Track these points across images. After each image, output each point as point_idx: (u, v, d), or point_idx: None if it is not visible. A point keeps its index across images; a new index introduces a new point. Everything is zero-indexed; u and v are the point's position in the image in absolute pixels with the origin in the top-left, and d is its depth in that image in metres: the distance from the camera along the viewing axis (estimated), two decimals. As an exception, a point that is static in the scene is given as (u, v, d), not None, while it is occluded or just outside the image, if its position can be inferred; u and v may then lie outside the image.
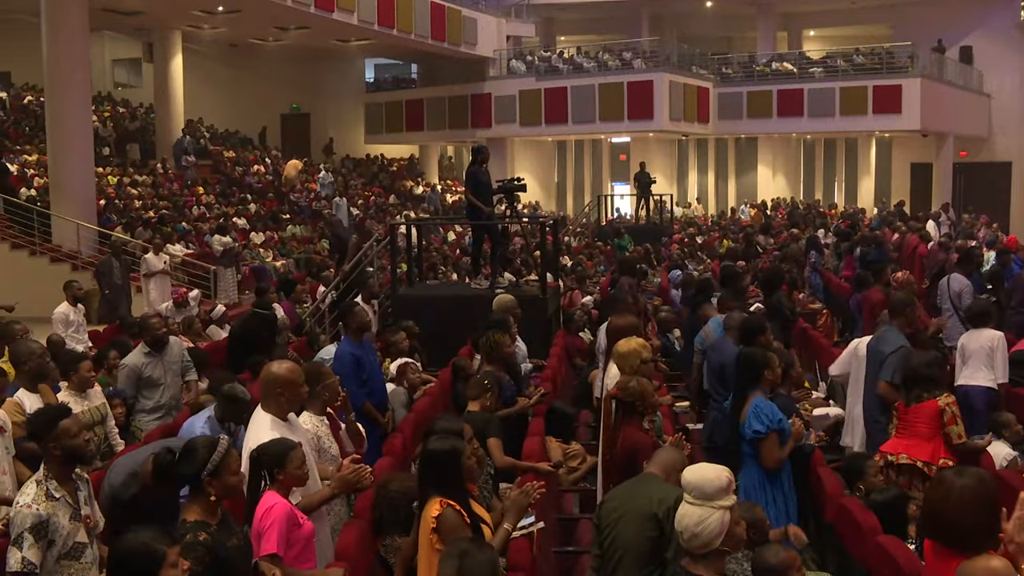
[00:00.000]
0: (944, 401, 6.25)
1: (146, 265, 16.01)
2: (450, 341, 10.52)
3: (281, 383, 5.09)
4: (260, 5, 22.99)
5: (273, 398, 5.08)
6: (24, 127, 27.17)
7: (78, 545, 4.55)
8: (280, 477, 4.54)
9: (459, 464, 4.60)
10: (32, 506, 4.41)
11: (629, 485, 4.74)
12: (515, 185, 13.10)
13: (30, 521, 4.38)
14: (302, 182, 28.66)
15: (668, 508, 4.31)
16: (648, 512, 4.42)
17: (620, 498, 4.69)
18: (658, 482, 4.57)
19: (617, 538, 4.57)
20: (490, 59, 32.09)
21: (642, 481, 4.67)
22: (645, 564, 4.44)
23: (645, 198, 26.54)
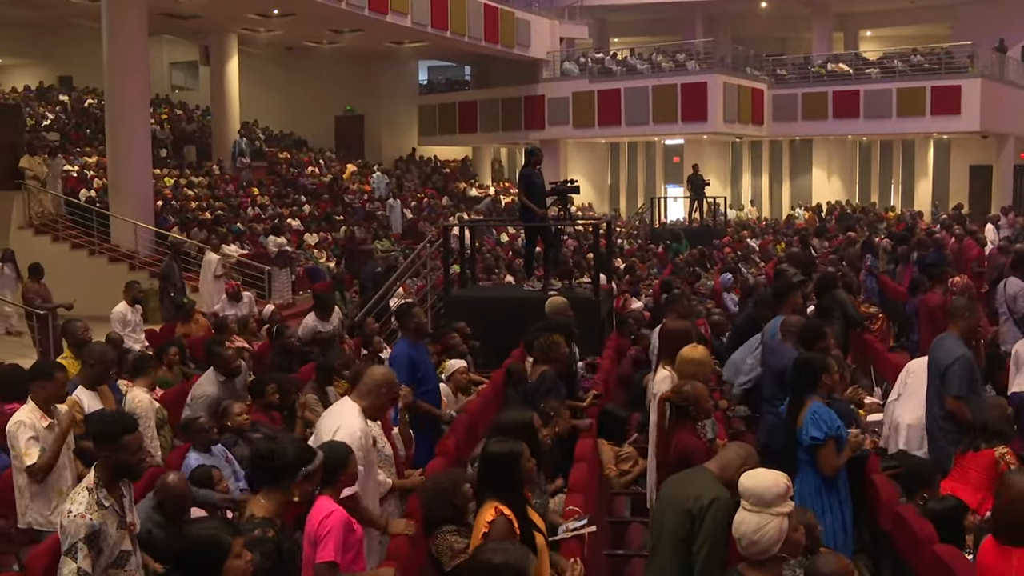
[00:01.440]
0: (1000, 452, 6.10)
1: (219, 265, 16.28)
2: (502, 343, 10.53)
3: (386, 383, 5.26)
4: (315, 8, 23.15)
5: (373, 396, 5.23)
6: (85, 130, 27.64)
7: (124, 553, 4.60)
8: (341, 478, 4.58)
9: (518, 468, 4.59)
10: (86, 516, 4.42)
11: (681, 477, 4.73)
12: (568, 187, 13.08)
13: (84, 531, 4.39)
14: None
15: (702, 507, 4.31)
16: (684, 508, 4.40)
17: (670, 488, 4.69)
18: (707, 478, 4.53)
19: (660, 527, 4.57)
20: (543, 61, 32.08)
21: (692, 475, 4.65)
22: (677, 556, 4.42)
23: (698, 200, 26.40)
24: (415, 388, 7.55)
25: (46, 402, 5.96)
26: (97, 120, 26.95)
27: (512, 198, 30.71)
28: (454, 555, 4.92)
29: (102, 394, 6.71)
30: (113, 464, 4.58)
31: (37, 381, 6.04)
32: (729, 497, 4.34)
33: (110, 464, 4.58)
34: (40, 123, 26.98)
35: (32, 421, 5.82)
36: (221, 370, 8.49)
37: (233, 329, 11.97)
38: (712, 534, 4.31)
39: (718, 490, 4.36)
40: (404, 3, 25.05)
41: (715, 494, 4.33)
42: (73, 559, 4.34)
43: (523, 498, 4.63)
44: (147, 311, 13.24)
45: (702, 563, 4.32)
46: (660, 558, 4.55)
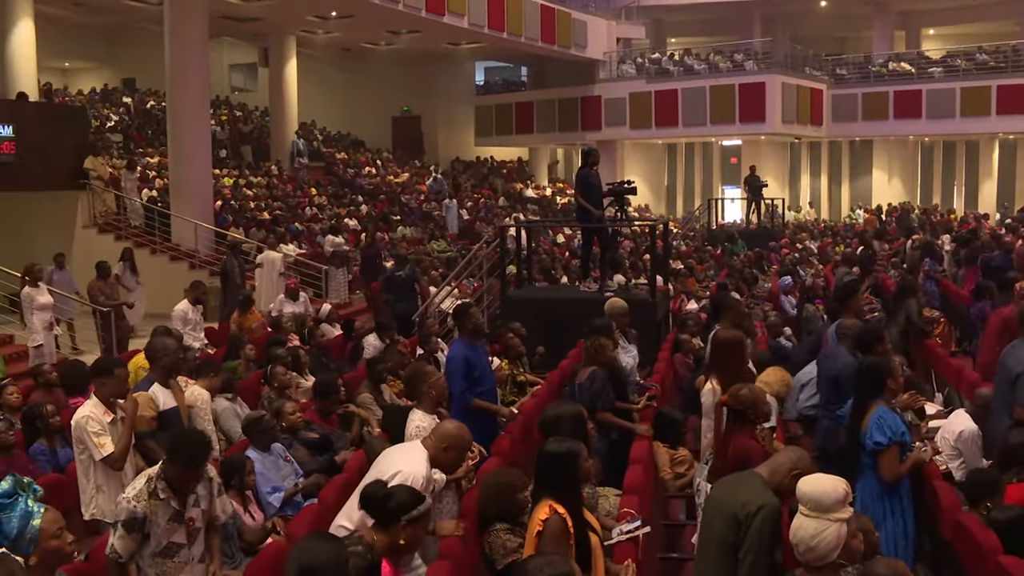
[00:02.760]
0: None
1: (281, 264, 16.48)
2: (558, 344, 10.52)
3: (449, 441, 5.16)
4: (372, 10, 23.29)
5: (436, 450, 5.15)
6: (147, 131, 28.05)
7: (173, 545, 4.71)
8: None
9: (575, 467, 4.58)
10: (132, 502, 4.59)
11: (731, 480, 4.68)
12: (625, 188, 13.03)
13: (124, 515, 4.59)
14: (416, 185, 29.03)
15: (749, 513, 4.25)
16: (731, 512, 4.36)
17: (719, 492, 4.65)
18: (756, 483, 4.48)
19: (707, 530, 4.54)
20: (600, 62, 32.03)
21: (742, 479, 4.60)
22: (724, 561, 4.38)
23: (756, 202, 26.17)
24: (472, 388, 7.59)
25: (108, 398, 6.04)
26: (159, 121, 27.34)
27: (568, 198, 30.68)
28: (506, 553, 4.92)
29: (174, 389, 6.76)
30: (181, 479, 4.69)
31: (98, 378, 6.13)
32: (778, 504, 4.29)
33: (178, 477, 4.68)
34: (104, 124, 27.42)
35: (96, 415, 5.91)
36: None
37: (289, 328, 12.09)
38: (758, 542, 4.27)
39: (766, 497, 4.31)
40: (461, 4, 25.13)
41: (762, 501, 4.28)
42: (112, 535, 4.61)
43: (579, 498, 4.62)
44: (207, 309, 13.38)
45: (747, 570, 4.28)
46: (707, 562, 4.52)
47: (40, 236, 18.48)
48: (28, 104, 19.55)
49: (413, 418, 5.97)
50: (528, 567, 3.55)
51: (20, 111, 18.54)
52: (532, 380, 10.04)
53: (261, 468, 6.58)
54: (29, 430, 7.56)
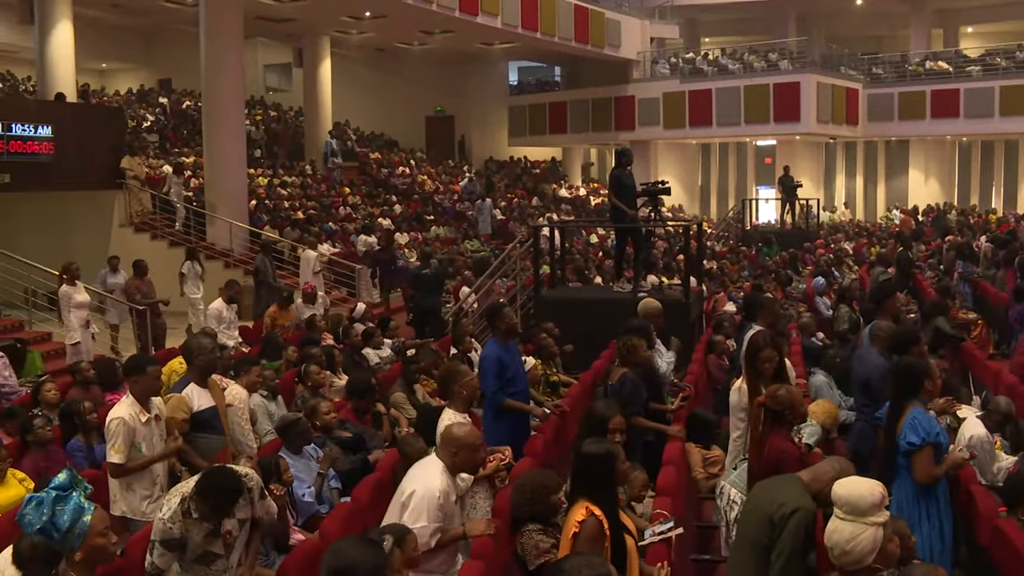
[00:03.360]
0: None
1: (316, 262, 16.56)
2: (592, 344, 10.51)
3: (457, 444, 5.19)
4: (406, 10, 23.34)
5: (448, 455, 5.19)
6: (182, 131, 28.26)
7: (209, 554, 4.76)
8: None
9: (612, 469, 4.57)
10: (168, 524, 4.65)
11: (770, 483, 4.67)
12: (659, 188, 13.00)
13: (160, 536, 4.68)
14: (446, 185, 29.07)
15: (784, 515, 4.24)
16: (766, 514, 4.34)
17: (757, 493, 4.65)
18: (795, 487, 4.45)
19: (741, 531, 4.52)
20: (634, 61, 31.93)
21: (781, 482, 4.58)
22: (756, 562, 4.37)
23: (790, 202, 26.02)
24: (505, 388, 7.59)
25: (142, 396, 6.08)
26: (194, 121, 27.57)
27: (602, 199, 30.64)
28: (539, 554, 4.92)
29: (212, 388, 6.77)
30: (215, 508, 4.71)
31: (131, 376, 6.17)
32: (814, 508, 4.26)
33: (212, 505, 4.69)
34: (140, 125, 27.65)
35: (131, 415, 5.95)
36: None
37: (323, 327, 12.15)
38: (791, 544, 4.24)
39: (803, 500, 4.29)
40: (494, 4, 25.14)
41: (798, 504, 4.26)
42: (150, 554, 4.69)
43: (615, 499, 4.62)
44: (241, 308, 13.47)
45: (778, 572, 4.26)
46: (739, 561, 4.51)
47: (77, 235, 18.68)
48: (67, 105, 19.74)
49: (444, 417, 5.99)
50: (565, 567, 3.54)
51: (59, 112, 18.72)
52: (565, 380, 10.03)
53: (295, 471, 6.61)
54: (67, 426, 7.64)
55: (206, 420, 6.54)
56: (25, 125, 17.15)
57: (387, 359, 11.43)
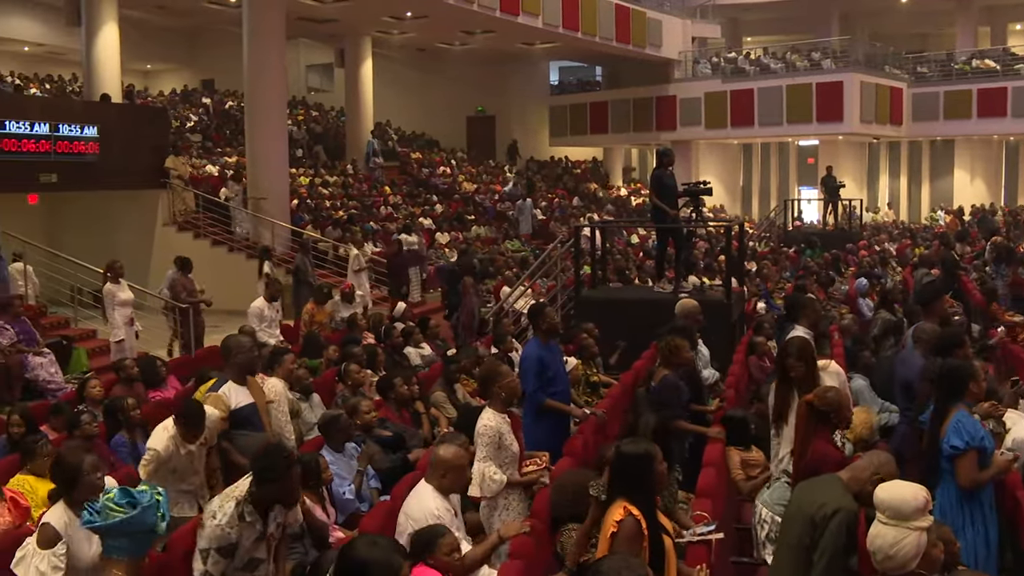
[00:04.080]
0: None
1: (359, 259, 16.64)
2: (632, 344, 10.47)
3: (444, 466, 5.16)
4: (447, 10, 23.41)
5: (435, 479, 5.17)
6: (225, 131, 28.49)
7: (255, 560, 4.80)
8: (431, 561, 4.55)
9: (651, 469, 4.55)
10: (225, 529, 4.67)
11: (812, 483, 4.63)
12: (701, 188, 12.93)
13: (218, 542, 4.66)
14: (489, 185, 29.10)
15: (825, 516, 4.20)
16: (808, 514, 4.30)
17: (799, 494, 4.62)
18: (835, 487, 4.41)
19: (783, 532, 4.48)
20: (675, 61, 31.84)
21: (822, 482, 4.54)
22: (798, 563, 4.33)
23: (833, 203, 25.79)
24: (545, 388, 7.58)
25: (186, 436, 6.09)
26: (237, 121, 27.78)
27: (643, 199, 30.56)
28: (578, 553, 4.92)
29: (251, 386, 6.80)
30: (273, 496, 4.76)
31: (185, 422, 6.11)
32: (856, 508, 4.21)
33: (269, 494, 4.74)
34: (184, 125, 27.92)
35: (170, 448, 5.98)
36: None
37: (364, 326, 12.20)
38: (832, 545, 4.20)
39: (844, 500, 4.25)
40: (535, 4, 25.15)
41: (839, 504, 4.22)
42: (204, 562, 4.67)
43: (653, 500, 4.59)
44: (283, 307, 13.54)
45: (820, 574, 4.22)
46: (781, 562, 4.47)
47: (121, 234, 18.90)
48: (112, 105, 19.97)
49: (483, 417, 5.99)
50: (603, 568, 3.52)
51: (104, 112, 18.95)
52: (605, 381, 10.01)
53: (336, 469, 6.63)
54: (111, 423, 7.72)
55: (245, 417, 6.56)
56: (72, 126, 17.37)
57: (428, 358, 11.45)
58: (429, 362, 11.30)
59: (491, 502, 5.87)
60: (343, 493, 6.60)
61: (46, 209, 19.00)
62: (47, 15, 28.86)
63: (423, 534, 4.66)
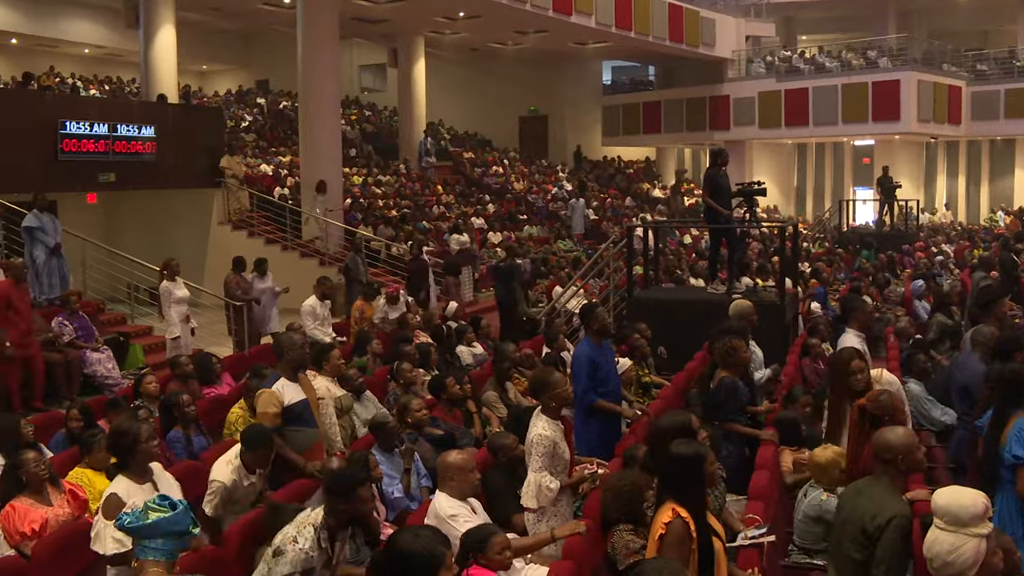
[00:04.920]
0: None
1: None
2: (685, 345, 10.41)
3: (453, 469, 5.26)
4: (500, 10, 23.45)
5: (445, 484, 5.26)
6: (279, 130, 28.74)
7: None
8: (483, 561, 4.57)
9: (701, 471, 4.52)
10: (309, 553, 4.79)
11: (861, 487, 4.53)
12: (755, 189, 12.83)
13: (302, 566, 4.79)
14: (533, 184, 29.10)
15: (879, 526, 4.12)
16: (860, 526, 4.23)
17: (849, 499, 4.54)
18: (884, 493, 4.32)
19: (837, 544, 4.42)
20: (729, 60, 31.65)
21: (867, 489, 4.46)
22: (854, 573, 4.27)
23: (889, 203, 25.48)
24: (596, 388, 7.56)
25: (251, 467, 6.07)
26: (291, 121, 28.01)
27: (696, 199, 30.39)
28: (628, 554, 4.91)
29: (302, 383, 6.86)
30: (347, 516, 4.86)
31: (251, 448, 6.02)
32: (909, 513, 4.14)
33: (343, 515, 4.84)
34: (239, 125, 28.21)
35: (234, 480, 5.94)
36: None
37: (416, 324, 12.23)
38: (889, 556, 4.13)
39: (896, 507, 4.18)
40: (588, 4, 25.12)
41: (893, 512, 4.15)
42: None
43: (703, 501, 4.56)
44: (335, 305, 13.63)
45: None
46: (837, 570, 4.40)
47: (177, 232, 19.13)
48: (168, 106, 20.21)
49: (536, 427, 5.97)
50: (645, 570, 3.51)
51: (161, 112, 19.18)
52: (657, 382, 9.97)
53: (386, 468, 6.67)
54: (167, 419, 7.83)
55: (298, 413, 6.63)
56: (129, 126, 17.60)
57: (480, 357, 11.47)
58: (480, 361, 11.31)
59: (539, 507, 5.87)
60: (392, 492, 6.64)
61: (104, 208, 19.28)
62: (106, 18, 29.37)
63: (473, 533, 4.67)
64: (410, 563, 3.53)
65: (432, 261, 17.23)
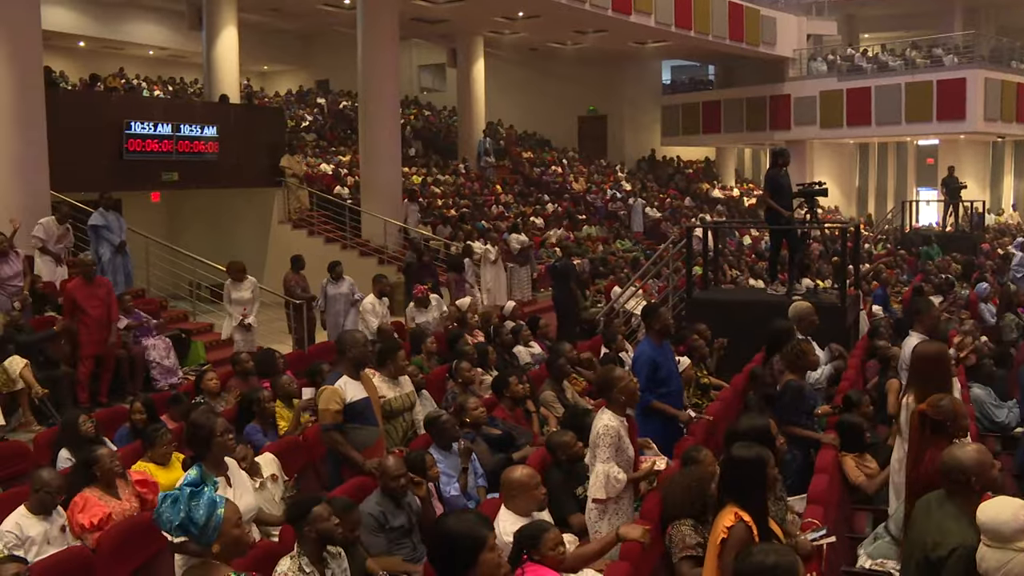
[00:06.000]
0: None
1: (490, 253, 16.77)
2: (743, 347, 10.32)
3: (516, 486, 5.21)
4: (559, 10, 23.44)
5: (510, 500, 5.22)
6: (339, 130, 28.97)
7: None
8: (536, 557, 4.56)
9: (762, 474, 4.48)
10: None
11: (928, 506, 4.37)
12: (816, 189, 12.70)
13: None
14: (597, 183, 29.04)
15: (941, 557, 3.98)
16: (921, 556, 4.10)
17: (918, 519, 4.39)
18: (950, 517, 4.16)
19: (906, 560, 4.34)
20: (789, 59, 31.36)
21: (938, 511, 4.28)
22: None
23: (954, 204, 25.06)
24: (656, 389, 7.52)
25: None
26: (351, 121, 28.23)
27: (755, 199, 30.15)
28: (684, 548, 4.90)
29: (364, 381, 6.89)
30: (313, 536, 4.83)
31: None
32: (974, 543, 3.99)
33: (311, 536, 4.83)
34: (299, 124, 28.47)
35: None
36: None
37: (475, 324, 12.25)
38: None
39: (960, 535, 4.00)
40: (648, 3, 25.03)
41: (955, 542, 3.98)
42: None
43: (764, 505, 4.52)
44: (393, 304, 13.67)
45: None
46: None
47: (239, 230, 19.38)
48: (230, 106, 20.45)
49: (602, 418, 5.96)
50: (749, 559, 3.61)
51: (223, 113, 19.42)
52: (716, 383, 9.90)
53: (443, 467, 6.68)
54: (245, 413, 8.07)
55: (359, 411, 6.66)
56: (192, 126, 17.85)
57: (538, 357, 11.45)
58: (539, 361, 11.29)
59: (600, 505, 5.85)
60: (449, 491, 6.65)
61: (167, 206, 19.57)
62: (170, 20, 29.84)
63: (526, 530, 4.68)
64: (454, 545, 3.62)
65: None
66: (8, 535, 5.60)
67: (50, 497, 5.77)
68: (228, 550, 3.87)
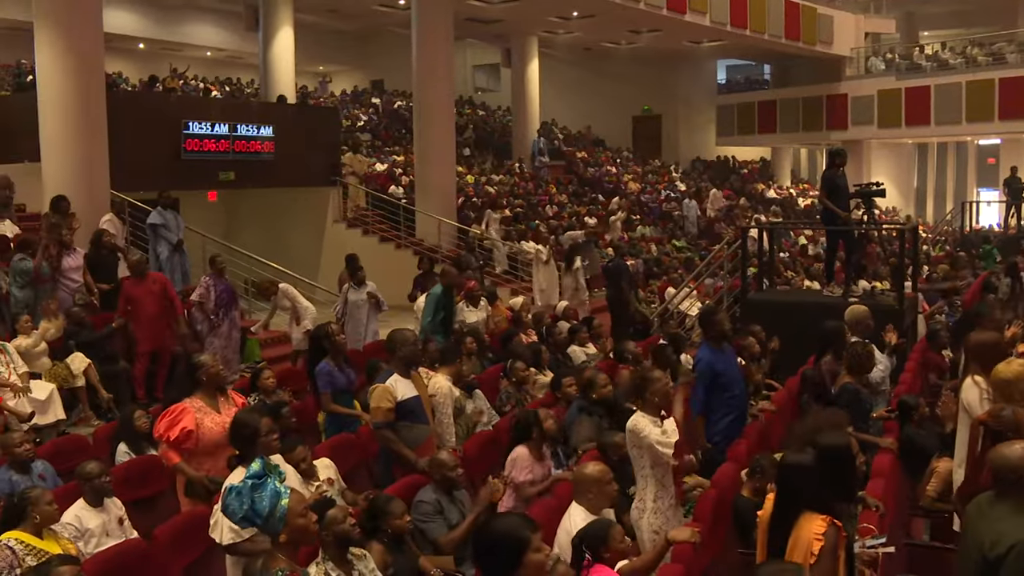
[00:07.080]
0: None
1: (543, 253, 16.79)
2: (799, 349, 10.21)
3: (590, 482, 5.23)
4: (614, 9, 23.38)
5: (583, 498, 5.22)
6: (394, 130, 29.12)
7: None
8: (607, 555, 4.58)
9: (854, 465, 4.47)
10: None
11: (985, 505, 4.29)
12: (874, 190, 12.56)
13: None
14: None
15: (999, 555, 3.92)
16: (980, 553, 4.04)
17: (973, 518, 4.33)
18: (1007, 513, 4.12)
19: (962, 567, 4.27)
20: (847, 58, 31.03)
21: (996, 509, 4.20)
22: None
23: (1016, 205, 24.63)
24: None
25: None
26: (405, 121, 28.35)
27: (811, 199, 29.89)
28: None
29: (415, 380, 6.94)
30: (331, 540, 4.80)
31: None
32: None
33: (328, 540, 4.80)
34: (355, 124, 28.65)
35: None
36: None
37: (528, 323, 12.25)
38: None
39: (1018, 532, 3.96)
40: (703, 2, 24.90)
41: (1014, 539, 3.94)
42: None
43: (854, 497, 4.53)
44: (448, 303, 13.69)
45: None
46: None
47: (294, 230, 19.53)
48: (287, 106, 20.65)
49: (636, 421, 5.93)
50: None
51: (279, 113, 19.61)
52: (769, 384, 9.82)
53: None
54: (317, 352, 8.28)
55: (410, 409, 6.71)
56: (249, 126, 18.03)
57: (593, 357, 11.41)
58: (594, 360, 11.26)
59: (641, 504, 5.83)
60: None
61: (224, 206, 19.78)
62: (228, 22, 30.19)
63: (591, 529, 4.69)
64: (499, 546, 3.62)
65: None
66: (69, 527, 5.76)
67: (100, 484, 5.97)
68: (295, 539, 3.93)
